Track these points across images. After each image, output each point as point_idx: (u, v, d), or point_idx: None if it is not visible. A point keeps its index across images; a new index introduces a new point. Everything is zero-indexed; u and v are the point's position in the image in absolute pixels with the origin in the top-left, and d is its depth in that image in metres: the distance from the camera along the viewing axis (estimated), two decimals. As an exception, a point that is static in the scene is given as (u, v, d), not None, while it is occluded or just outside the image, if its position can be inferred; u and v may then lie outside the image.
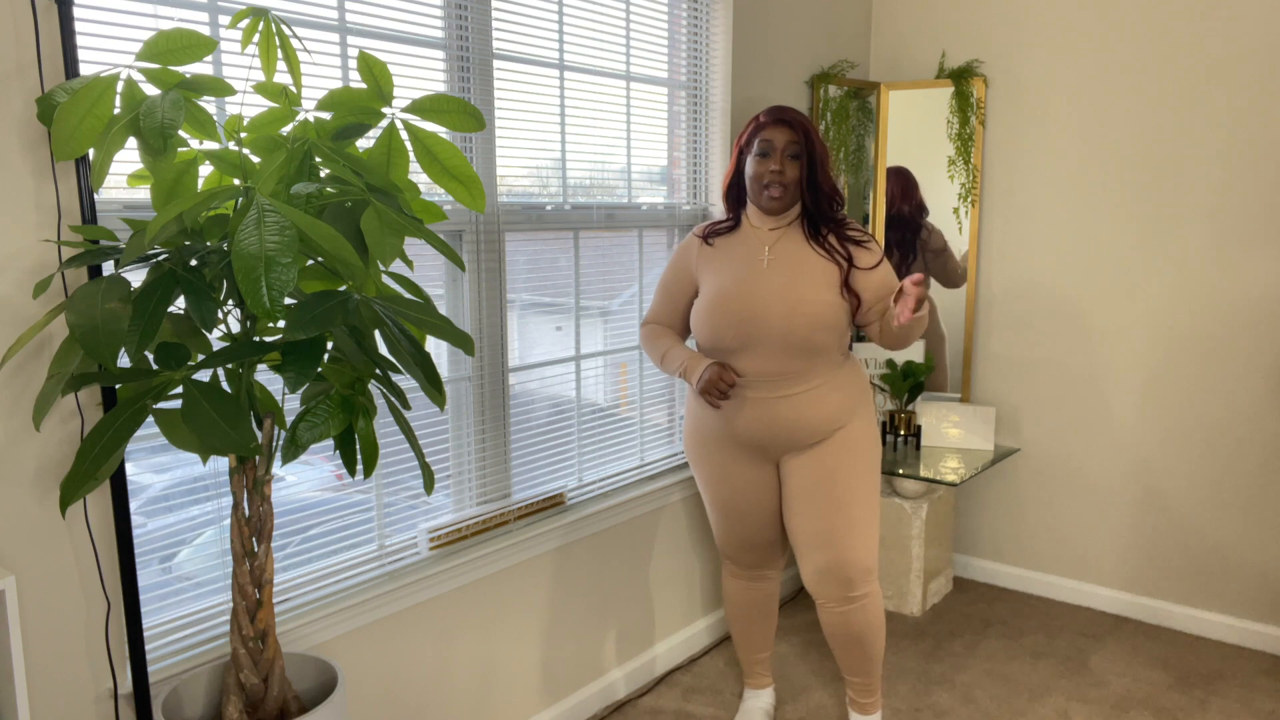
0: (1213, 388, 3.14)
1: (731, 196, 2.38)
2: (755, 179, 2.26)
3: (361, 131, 1.59)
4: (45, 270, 1.57)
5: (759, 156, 2.25)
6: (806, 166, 2.25)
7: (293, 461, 1.61)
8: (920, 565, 3.36)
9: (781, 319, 2.20)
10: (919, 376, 3.44)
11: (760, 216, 2.33)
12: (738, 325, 2.23)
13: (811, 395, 2.26)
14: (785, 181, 2.24)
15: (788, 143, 2.23)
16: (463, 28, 2.20)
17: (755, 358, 2.24)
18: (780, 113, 2.25)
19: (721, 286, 2.28)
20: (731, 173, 2.36)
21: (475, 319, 2.32)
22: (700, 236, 2.40)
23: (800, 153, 2.24)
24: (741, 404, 2.28)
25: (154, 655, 1.78)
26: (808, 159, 2.25)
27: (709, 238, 2.38)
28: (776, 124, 2.24)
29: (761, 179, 2.25)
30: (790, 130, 2.23)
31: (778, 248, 2.28)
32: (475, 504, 2.39)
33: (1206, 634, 3.24)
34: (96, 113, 1.39)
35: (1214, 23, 3.01)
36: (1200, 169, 3.08)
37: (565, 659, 2.66)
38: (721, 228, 2.38)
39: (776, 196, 2.24)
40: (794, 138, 2.23)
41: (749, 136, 2.29)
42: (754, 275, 2.26)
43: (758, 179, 2.26)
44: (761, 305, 2.22)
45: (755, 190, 2.28)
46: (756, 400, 2.27)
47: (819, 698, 2.83)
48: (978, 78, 3.44)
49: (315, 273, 1.58)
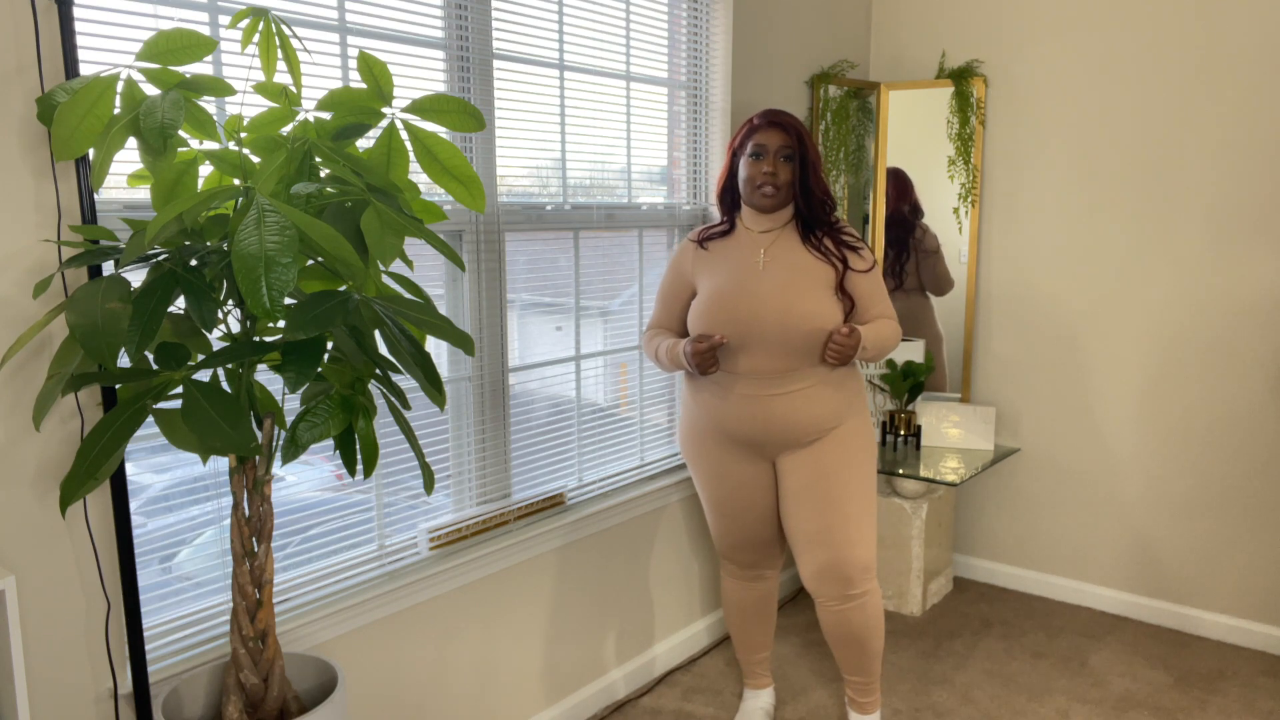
0: (1212, 387, 3.14)
1: (726, 200, 2.40)
2: (749, 181, 2.29)
3: (361, 131, 1.59)
4: (45, 270, 1.57)
5: (752, 159, 2.28)
6: (800, 169, 2.27)
7: (293, 461, 1.61)
8: (920, 565, 3.36)
9: (778, 319, 2.22)
10: (919, 376, 3.44)
11: (755, 218, 2.35)
12: (735, 325, 2.24)
13: (807, 394, 2.27)
14: (778, 183, 2.26)
15: (781, 145, 2.26)
16: (463, 28, 2.20)
17: (752, 356, 2.26)
18: (773, 115, 2.28)
19: (719, 287, 2.30)
20: (725, 175, 2.38)
21: (475, 319, 2.32)
22: (695, 241, 2.42)
23: (793, 155, 2.27)
24: (738, 401, 2.29)
25: (154, 655, 1.78)
26: (800, 162, 2.27)
27: (704, 242, 2.40)
28: (770, 126, 2.27)
29: (755, 180, 2.27)
30: (784, 133, 2.26)
31: (773, 250, 2.31)
32: (475, 504, 2.39)
33: (1206, 634, 3.24)
34: (96, 113, 1.39)
35: (1213, 23, 3.01)
36: (1200, 168, 3.08)
37: (565, 659, 2.66)
38: (715, 232, 2.40)
39: (770, 195, 2.27)
40: (787, 140, 2.26)
41: (742, 139, 2.31)
42: (751, 276, 2.28)
43: (751, 180, 2.28)
44: (758, 305, 2.24)
45: (749, 191, 2.30)
46: (752, 398, 2.28)
47: (819, 698, 2.83)
48: (978, 78, 3.44)
49: (315, 273, 1.58)
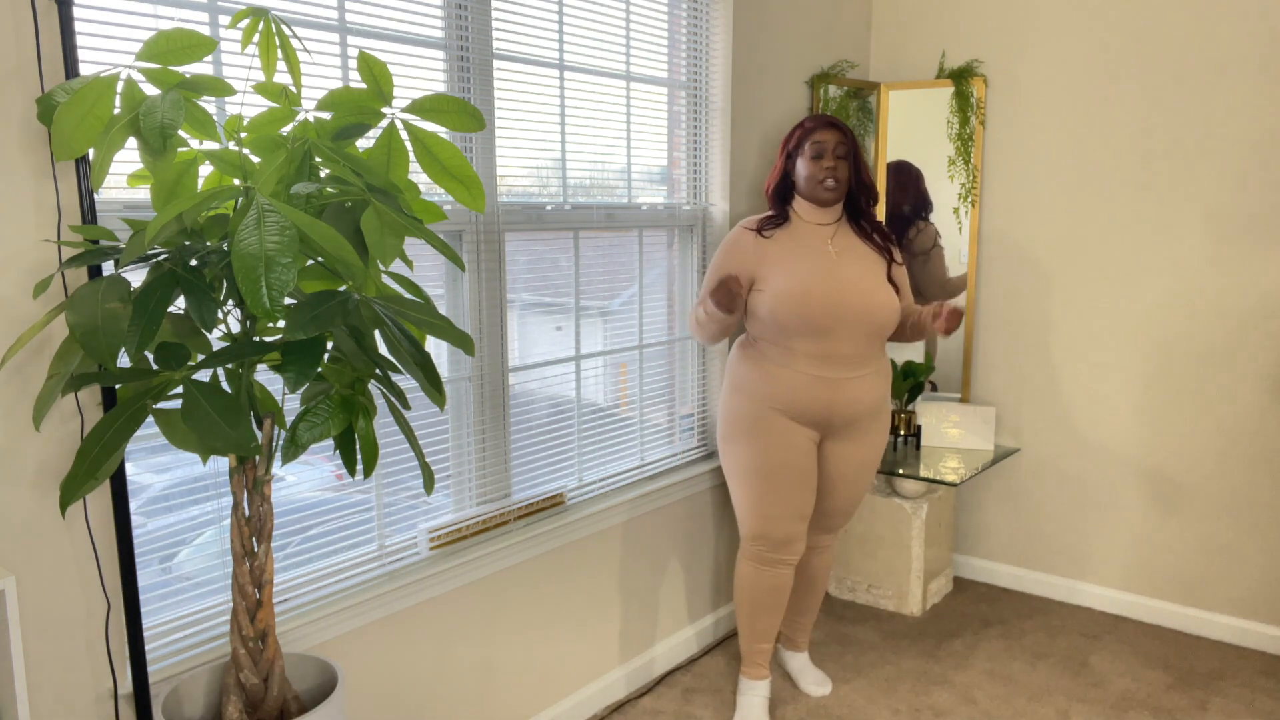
0: (1212, 387, 3.14)
1: (777, 195, 2.59)
2: (811, 177, 2.49)
3: (361, 131, 1.59)
4: (45, 270, 1.57)
5: (813, 158, 2.49)
6: (853, 167, 2.52)
7: (293, 461, 1.61)
8: (920, 565, 3.36)
9: (862, 305, 2.43)
10: (919, 377, 3.44)
11: (814, 212, 2.54)
12: (822, 310, 2.41)
13: (869, 379, 2.51)
14: (840, 177, 2.49)
15: (837, 143, 2.49)
16: (463, 28, 2.20)
17: (833, 341, 2.44)
18: (826, 118, 2.53)
19: (801, 275, 2.44)
20: (779, 173, 2.57)
21: (475, 319, 2.32)
22: (754, 230, 2.55)
23: (847, 153, 2.50)
24: (810, 382, 2.46)
25: (154, 655, 1.78)
26: (853, 159, 2.52)
27: (763, 230, 2.54)
28: (825, 127, 2.50)
29: (818, 176, 2.48)
30: (839, 132, 2.50)
31: (837, 240, 2.53)
32: (475, 504, 2.39)
33: (1206, 634, 3.24)
34: (96, 113, 1.39)
35: (1213, 24, 3.01)
36: (1201, 169, 3.08)
37: (565, 659, 2.66)
38: (772, 221, 2.57)
39: (833, 188, 2.48)
40: (843, 139, 2.50)
41: (798, 140, 2.52)
42: (828, 265, 2.47)
43: (813, 177, 2.49)
44: (845, 294, 2.43)
45: (812, 186, 2.50)
46: (825, 380, 2.46)
47: (819, 698, 2.83)
48: (978, 78, 3.44)
49: (315, 273, 1.58)
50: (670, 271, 2.98)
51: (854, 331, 2.44)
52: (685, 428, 3.09)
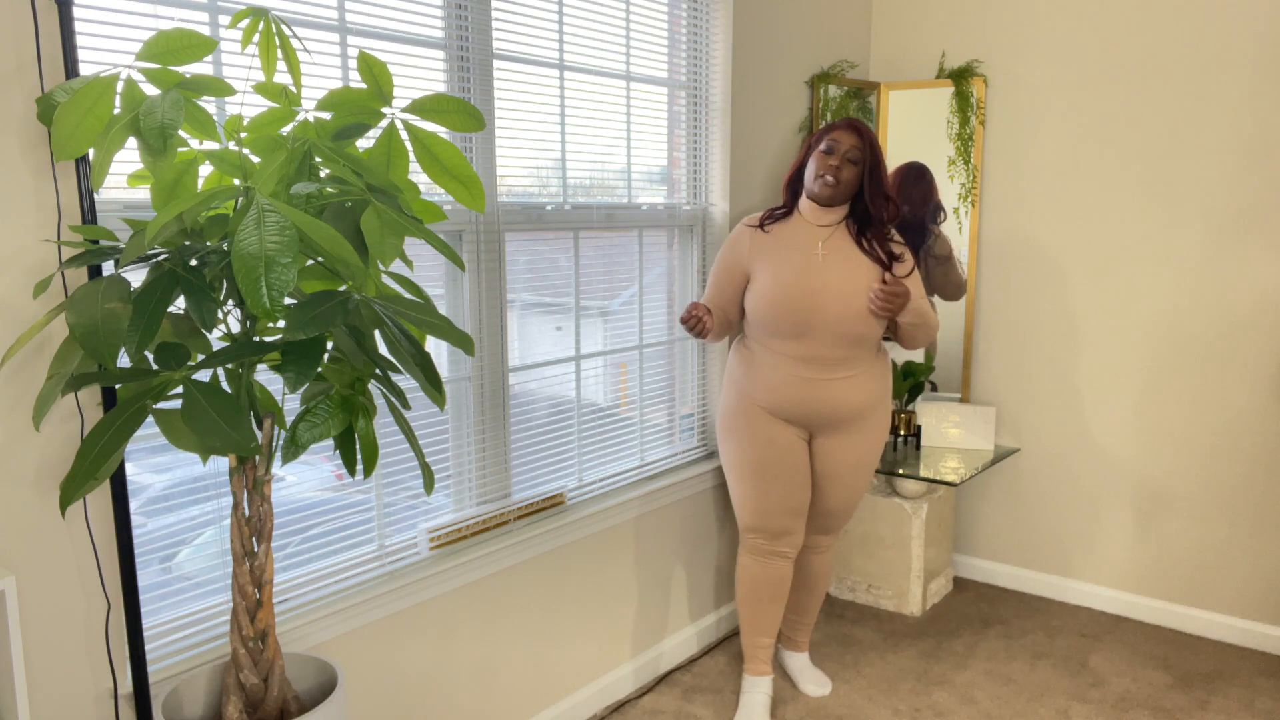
0: (1212, 387, 3.14)
1: (790, 189, 2.61)
2: (814, 171, 2.50)
3: (361, 131, 1.59)
4: (45, 270, 1.57)
5: (824, 153, 2.49)
6: (868, 176, 2.49)
7: (293, 461, 1.61)
8: (920, 565, 3.36)
9: (837, 309, 2.43)
10: (919, 377, 3.44)
11: (814, 211, 2.54)
12: (797, 313, 2.44)
13: (853, 381, 2.51)
14: (839, 177, 2.47)
15: (851, 147, 2.47)
16: (463, 28, 2.20)
17: (809, 343, 2.46)
18: (853, 121, 2.53)
19: (781, 276, 2.47)
20: (797, 166, 2.59)
21: (475, 319, 2.32)
22: (755, 225, 2.59)
23: (860, 160, 2.48)
24: (793, 383, 2.49)
25: (154, 655, 1.78)
26: (868, 169, 2.48)
27: (764, 224, 2.58)
28: (846, 128, 2.50)
29: (818, 170, 2.49)
30: (858, 137, 2.48)
31: (829, 244, 2.52)
32: (475, 504, 2.39)
33: (1206, 634, 3.24)
34: (96, 113, 1.39)
35: (1213, 23, 3.01)
36: (1201, 168, 3.08)
37: (565, 659, 2.66)
38: (778, 214, 2.59)
39: (829, 185, 2.47)
40: (859, 143, 2.48)
41: (820, 136, 2.54)
42: (811, 268, 2.48)
43: (816, 171, 2.49)
44: (819, 296, 2.44)
45: (810, 179, 2.51)
46: (807, 380, 2.49)
47: (819, 698, 2.83)
48: (978, 78, 3.44)
49: (315, 273, 1.58)
50: (670, 271, 2.98)
51: (828, 335, 2.45)
52: (685, 428, 3.09)
